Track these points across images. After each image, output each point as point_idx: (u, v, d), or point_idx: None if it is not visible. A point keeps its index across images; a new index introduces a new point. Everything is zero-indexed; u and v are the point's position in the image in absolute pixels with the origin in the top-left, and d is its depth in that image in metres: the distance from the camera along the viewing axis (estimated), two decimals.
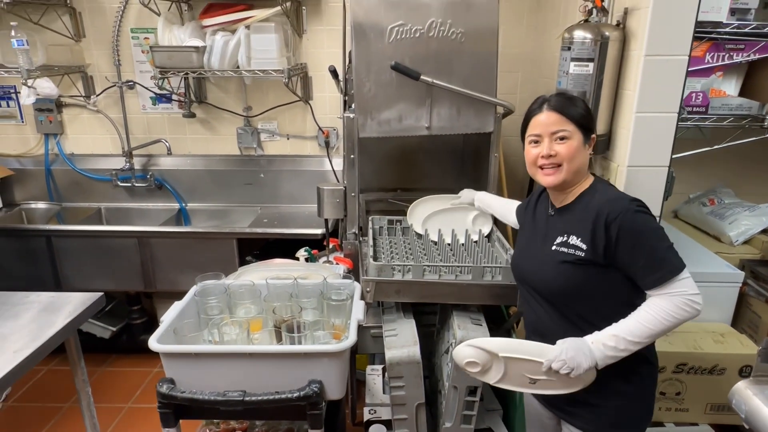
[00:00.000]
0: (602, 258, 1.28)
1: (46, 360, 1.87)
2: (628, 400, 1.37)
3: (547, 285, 1.39)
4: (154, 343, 1.36)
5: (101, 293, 1.94)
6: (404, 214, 2.28)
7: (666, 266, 1.23)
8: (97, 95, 3.01)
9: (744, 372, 2.07)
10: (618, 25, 1.69)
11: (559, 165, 1.33)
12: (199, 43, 2.62)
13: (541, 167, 1.36)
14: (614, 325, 1.27)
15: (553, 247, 1.37)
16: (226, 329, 1.46)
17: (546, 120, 1.34)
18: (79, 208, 3.15)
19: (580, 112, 1.35)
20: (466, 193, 2.08)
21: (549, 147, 1.33)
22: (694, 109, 1.94)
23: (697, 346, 2.09)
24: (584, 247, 1.30)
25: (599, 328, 1.29)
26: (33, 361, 1.59)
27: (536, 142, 1.37)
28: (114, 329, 3.06)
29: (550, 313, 1.39)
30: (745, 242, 2.48)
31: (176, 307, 1.56)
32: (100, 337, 3.04)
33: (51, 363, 3.00)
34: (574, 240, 1.33)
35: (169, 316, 1.50)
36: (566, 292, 1.35)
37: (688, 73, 1.64)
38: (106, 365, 3.04)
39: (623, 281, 1.30)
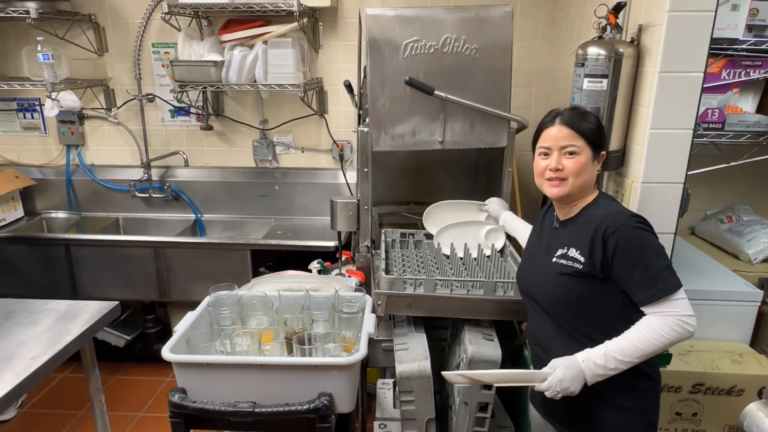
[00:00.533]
0: (599, 271, 1.30)
1: (62, 367, 1.90)
2: (627, 415, 1.37)
3: (546, 296, 1.41)
4: (166, 352, 1.38)
5: (117, 302, 1.98)
6: (417, 227, 2.28)
7: (660, 284, 1.24)
8: (118, 108, 3.08)
9: (763, 394, 2.02)
10: (632, 41, 1.69)
11: (565, 179, 1.35)
12: (217, 57, 2.67)
13: (549, 179, 1.38)
14: (606, 342, 1.28)
15: (554, 259, 1.40)
16: (237, 340, 1.47)
17: (557, 134, 1.36)
18: (97, 217, 3.21)
19: (592, 128, 1.36)
20: (495, 206, 2.09)
21: (557, 160, 1.36)
22: (711, 125, 1.93)
23: (714, 366, 2.04)
24: (582, 259, 1.32)
25: (595, 339, 1.30)
26: (49, 368, 1.62)
27: (546, 154, 1.39)
28: (128, 338, 3.10)
29: (548, 323, 1.41)
30: (764, 260, 2.43)
31: (189, 317, 1.57)
32: (114, 345, 3.07)
33: (66, 370, 3.05)
34: (573, 252, 1.35)
35: (182, 326, 1.51)
36: (564, 303, 1.37)
37: (704, 90, 1.63)
38: (120, 373, 3.07)
39: (620, 295, 1.31)
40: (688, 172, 1.68)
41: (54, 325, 1.81)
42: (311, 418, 1.36)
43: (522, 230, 1.92)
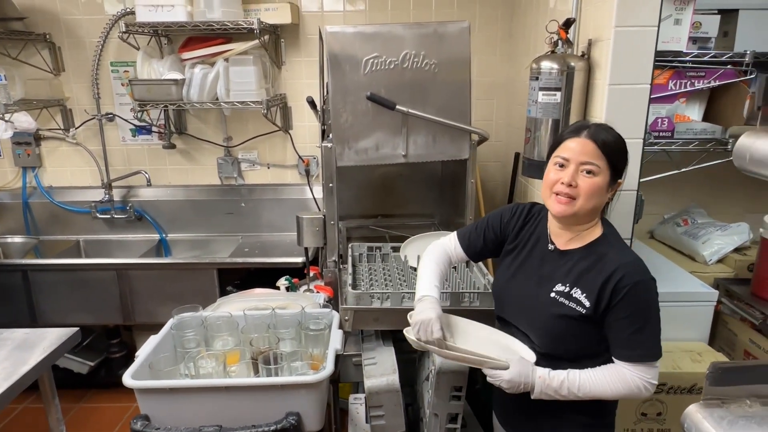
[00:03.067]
0: (599, 317, 1.25)
1: (22, 398, 1.83)
2: (588, 428, 1.38)
3: (534, 328, 1.35)
4: (128, 379, 1.34)
5: (77, 328, 1.92)
6: (385, 240, 2.29)
7: (645, 350, 1.23)
8: (76, 128, 3.01)
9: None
10: (583, 55, 1.76)
11: (575, 198, 1.25)
12: (178, 76, 2.65)
13: (557, 193, 1.27)
14: (568, 371, 1.26)
15: (552, 294, 1.31)
16: (202, 363, 1.44)
17: (580, 147, 1.25)
18: (57, 241, 3.12)
19: (617, 150, 1.26)
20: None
21: (572, 176, 1.24)
22: (661, 134, 2.01)
23: (675, 366, 2.11)
24: (587, 304, 1.25)
25: (568, 361, 1.30)
26: (4, 400, 1.56)
27: (562, 165, 1.27)
28: (92, 364, 3.00)
29: (525, 341, 1.38)
30: (719, 261, 2.53)
31: (152, 341, 1.54)
32: (77, 372, 2.97)
33: (26, 401, 2.92)
34: (578, 294, 1.26)
35: (144, 351, 1.48)
36: (552, 337, 1.32)
37: (653, 100, 1.70)
38: (84, 401, 2.96)
39: (605, 339, 1.28)
40: (642, 180, 1.75)
41: (9, 356, 1.74)
42: None
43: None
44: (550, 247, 1.36)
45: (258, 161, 3.09)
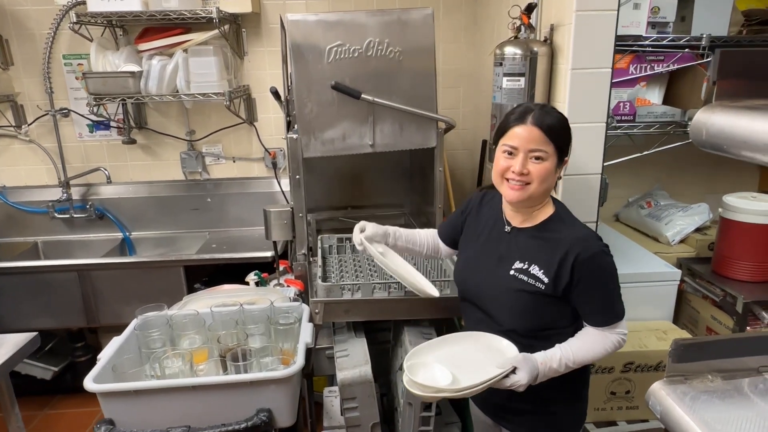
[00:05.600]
0: (560, 292, 1.29)
1: None
2: (562, 405, 1.42)
3: (499, 306, 1.37)
4: (89, 383, 1.30)
5: (35, 333, 1.84)
6: None
7: (613, 312, 1.31)
8: (29, 124, 2.88)
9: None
10: (545, 40, 1.76)
11: (528, 183, 1.28)
12: (135, 68, 2.56)
13: (508, 180, 1.30)
14: (559, 348, 1.30)
15: (511, 272, 1.34)
16: (168, 362, 1.40)
17: (526, 134, 1.26)
18: (13, 243, 2.99)
19: (562, 133, 1.29)
20: (371, 229, 1.61)
21: (522, 164, 1.26)
22: (623, 117, 2.04)
23: (642, 344, 2.16)
24: (546, 280, 1.29)
25: (540, 340, 1.32)
26: None
27: (510, 153, 1.29)
28: (56, 369, 2.90)
29: (494, 327, 1.39)
30: (681, 241, 2.60)
31: (114, 342, 1.49)
32: (41, 378, 2.87)
33: None
34: (535, 270, 1.30)
35: (106, 353, 1.43)
36: (519, 316, 1.34)
37: (615, 84, 1.72)
38: (49, 408, 2.87)
39: (572, 309, 1.33)
40: (605, 163, 1.77)
41: None
42: None
43: (417, 235, 1.66)
44: (507, 228, 1.40)
45: (223, 155, 3.02)
